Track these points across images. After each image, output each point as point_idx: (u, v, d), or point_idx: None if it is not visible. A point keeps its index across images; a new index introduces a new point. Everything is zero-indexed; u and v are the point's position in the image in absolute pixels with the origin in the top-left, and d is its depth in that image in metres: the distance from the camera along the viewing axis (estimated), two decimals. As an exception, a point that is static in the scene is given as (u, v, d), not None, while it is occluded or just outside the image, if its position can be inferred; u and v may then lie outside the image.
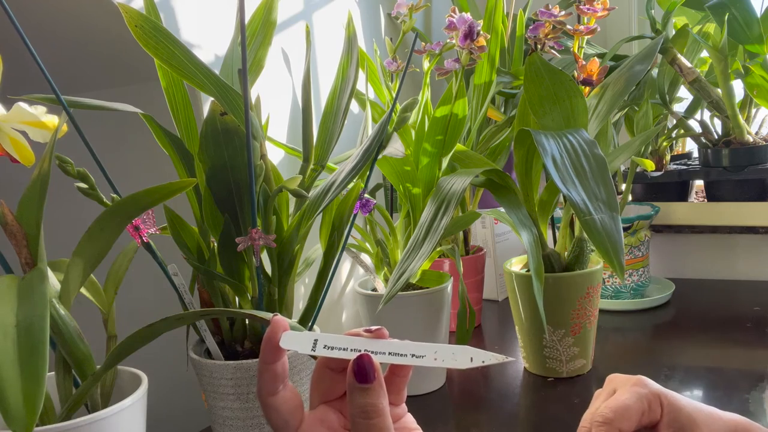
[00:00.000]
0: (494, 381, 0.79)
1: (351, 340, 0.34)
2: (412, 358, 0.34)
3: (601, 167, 0.61)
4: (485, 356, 0.33)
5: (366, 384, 0.32)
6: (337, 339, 0.34)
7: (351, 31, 0.68)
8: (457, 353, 0.33)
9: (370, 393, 0.32)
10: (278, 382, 0.35)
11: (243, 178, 0.55)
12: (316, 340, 0.34)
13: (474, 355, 0.33)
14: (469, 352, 0.33)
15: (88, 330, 0.48)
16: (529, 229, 0.64)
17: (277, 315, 0.36)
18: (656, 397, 0.41)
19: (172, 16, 0.69)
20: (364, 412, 0.32)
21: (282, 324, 0.35)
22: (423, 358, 0.34)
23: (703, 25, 1.07)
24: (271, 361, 0.35)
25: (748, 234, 1.10)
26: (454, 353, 0.33)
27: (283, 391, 0.36)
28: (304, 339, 0.34)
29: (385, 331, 0.35)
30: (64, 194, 0.55)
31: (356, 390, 0.33)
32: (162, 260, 0.55)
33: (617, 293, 1.02)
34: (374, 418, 0.32)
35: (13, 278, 0.40)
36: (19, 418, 0.32)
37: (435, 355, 0.34)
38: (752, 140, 1.05)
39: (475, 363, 0.33)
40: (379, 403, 0.32)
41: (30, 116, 0.45)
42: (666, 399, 0.41)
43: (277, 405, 0.35)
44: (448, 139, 0.75)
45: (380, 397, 0.33)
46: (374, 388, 0.33)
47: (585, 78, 0.74)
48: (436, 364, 0.33)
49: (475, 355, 0.33)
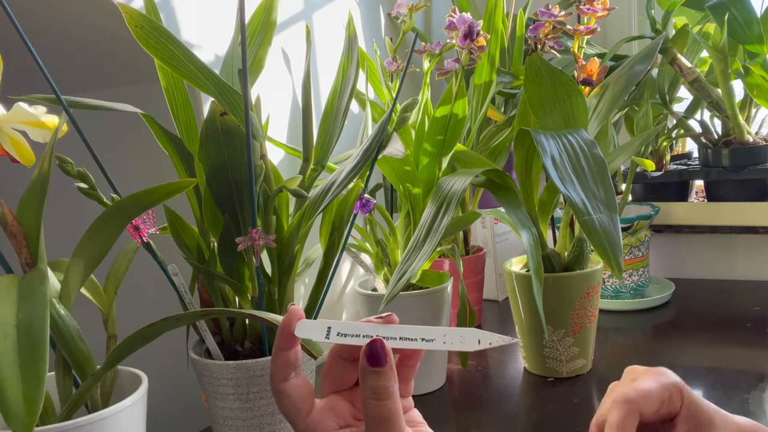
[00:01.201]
0: (494, 381, 0.79)
1: (363, 327, 0.35)
2: (422, 342, 0.35)
3: (600, 167, 0.61)
4: (492, 338, 0.34)
5: (378, 367, 0.34)
6: (349, 326, 0.36)
7: (351, 31, 0.68)
8: (465, 336, 0.35)
9: (381, 376, 0.34)
10: (290, 369, 0.36)
11: (243, 178, 0.55)
12: (330, 328, 0.36)
13: (481, 337, 0.34)
14: (476, 335, 0.34)
15: (88, 330, 0.48)
16: (528, 229, 0.64)
17: (293, 304, 0.37)
18: (677, 389, 0.41)
19: (172, 16, 0.69)
20: (376, 393, 0.34)
21: (297, 313, 0.36)
22: (432, 342, 0.35)
23: (703, 25, 1.07)
24: (284, 348, 0.36)
25: (748, 234, 1.10)
26: (462, 336, 0.35)
27: (295, 379, 0.37)
28: (318, 327, 0.36)
29: (395, 317, 0.36)
30: (64, 194, 0.55)
31: (368, 373, 0.34)
32: (162, 260, 0.55)
33: (617, 293, 1.02)
34: (385, 400, 0.33)
35: (13, 278, 0.40)
36: (19, 418, 0.32)
37: (444, 338, 0.35)
38: (752, 140, 1.05)
39: (483, 345, 0.34)
40: (390, 385, 0.34)
41: (30, 116, 0.45)
42: (686, 392, 0.41)
43: (289, 391, 0.36)
44: (448, 139, 0.75)
45: (391, 380, 0.34)
46: (386, 371, 0.34)
47: (585, 78, 0.74)
48: (445, 347, 0.35)
49: (482, 337, 0.34)
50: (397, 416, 0.34)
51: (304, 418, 0.37)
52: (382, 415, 0.33)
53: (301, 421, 0.37)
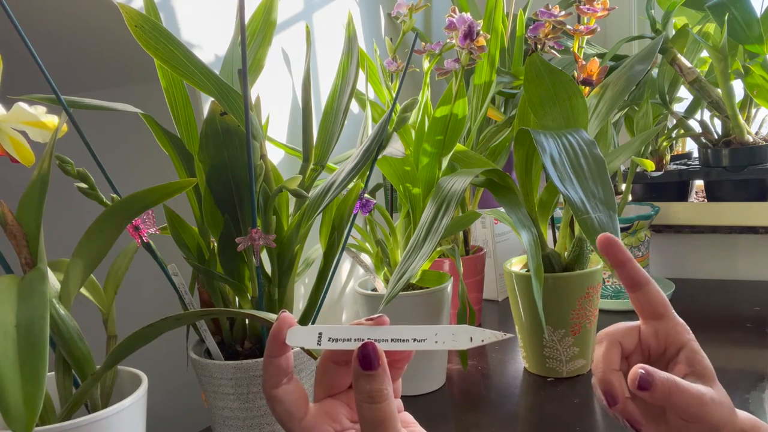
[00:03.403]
0: (494, 381, 0.79)
1: (354, 330, 0.35)
2: (414, 342, 0.35)
3: (599, 167, 0.61)
4: (484, 334, 0.34)
5: (370, 371, 0.34)
6: (340, 330, 0.35)
7: (351, 31, 0.68)
8: (456, 333, 0.34)
9: (375, 379, 0.34)
10: (282, 376, 0.36)
11: (243, 178, 0.55)
12: (321, 334, 0.35)
13: (473, 334, 0.34)
14: (468, 332, 0.34)
15: (88, 330, 0.48)
16: (528, 230, 0.64)
17: (285, 311, 0.37)
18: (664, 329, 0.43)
19: (172, 16, 0.69)
20: (370, 397, 0.33)
21: (288, 321, 0.36)
22: (424, 341, 0.34)
23: (703, 25, 1.07)
24: (275, 355, 0.36)
25: (748, 234, 1.10)
26: (453, 334, 0.34)
27: (287, 384, 0.37)
28: (309, 334, 0.35)
29: (385, 318, 0.36)
30: (64, 194, 0.55)
31: (361, 377, 0.34)
32: (162, 260, 0.55)
33: (617, 293, 1.02)
34: (380, 403, 0.33)
35: (13, 278, 0.40)
36: (18, 418, 0.32)
37: (435, 337, 0.34)
38: (752, 140, 1.05)
39: (475, 342, 0.34)
40: (384, 388, 0.34)
41: (30, 116, 0.45)
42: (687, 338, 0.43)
43: (281, 397, 0.36)
44: (448, 139, 0.75)
45: (384, 382, 0.34)
46: (379, 374, 0.34)
47: (585, 78, 0.74)
48: (437, 346, 0.34)
49: (474, 334, 0.34)
50: (393, 418, 0.34)
51: (298, 422, 0.37)
52: (378, 418, 0.33)
53: (295, 426, 0.36)
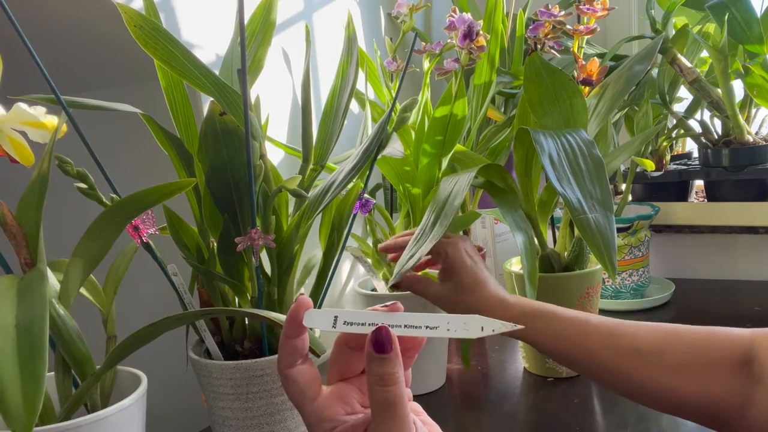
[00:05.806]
0: (494, 381, 0.79)
1: (368, 315, 0.36)
2: (426, 329, 0.35)
3: (598, 167, 0.60)
4: (495, 324, 0.35)
5: (383, 354, 0.34)
6: (355, 314, 0.36)
7: (351, 31, 0.68)
8: (468, 322, 0.35)
9: (387, 362, 0.34)
10: (297, 356, 0.37)
11: (242, 178, 0.55)
12: (336, 317, 0.36)
13: (485, 324, 0.35)
14: (479, 321, 0.35)
15: (88, 330, 0.48)
16: (524, 232, 0.64)
17: (303, 294, 0.37)
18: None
19: (172, 16, 0.69)
20: (382, 380, 0.34)
21: (306, 303, 0.37)
22: (436, 329, 0.35)
23: (703, 25, 1.07)
24: (292, 336, 0.37)
25: (748, 234, 1.10)
26: (465, 323, 0.35)
27: (302, 365, 0.38)
28: (325, 316, 0.36)
29: (399, 305, 0.37)
30: (64, 194, 0.55)
31: (374, 360, 0.35)
32: (162, 260, 0.55)
33: (617, 293, 1.02)
34: (391, 386, 0.34)
35: (13, 278, 0.40)
36: (18, 418, 0.32)
37: (447, 326, 0.35)
38: (752, 140, 1.05)
39: (486, 332, 0.35)
40: (396, 372, 0.34)
41: (30, 116, 0.45)
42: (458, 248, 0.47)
43: (295, 377, 0.37)
44: (448, 140, 0.75)
45: (396, 366, 0.35)
46: (391, 357, 0.35)
47: (585, 78, 0.73)
48: (449, 334, 0.35)
49: (485, 323, 0.35)
50: (403, 402, 0.34)
51: (310, 402, 0.37)
52: (388, 401, 0.34)
53: (307, 406, 0.37)
